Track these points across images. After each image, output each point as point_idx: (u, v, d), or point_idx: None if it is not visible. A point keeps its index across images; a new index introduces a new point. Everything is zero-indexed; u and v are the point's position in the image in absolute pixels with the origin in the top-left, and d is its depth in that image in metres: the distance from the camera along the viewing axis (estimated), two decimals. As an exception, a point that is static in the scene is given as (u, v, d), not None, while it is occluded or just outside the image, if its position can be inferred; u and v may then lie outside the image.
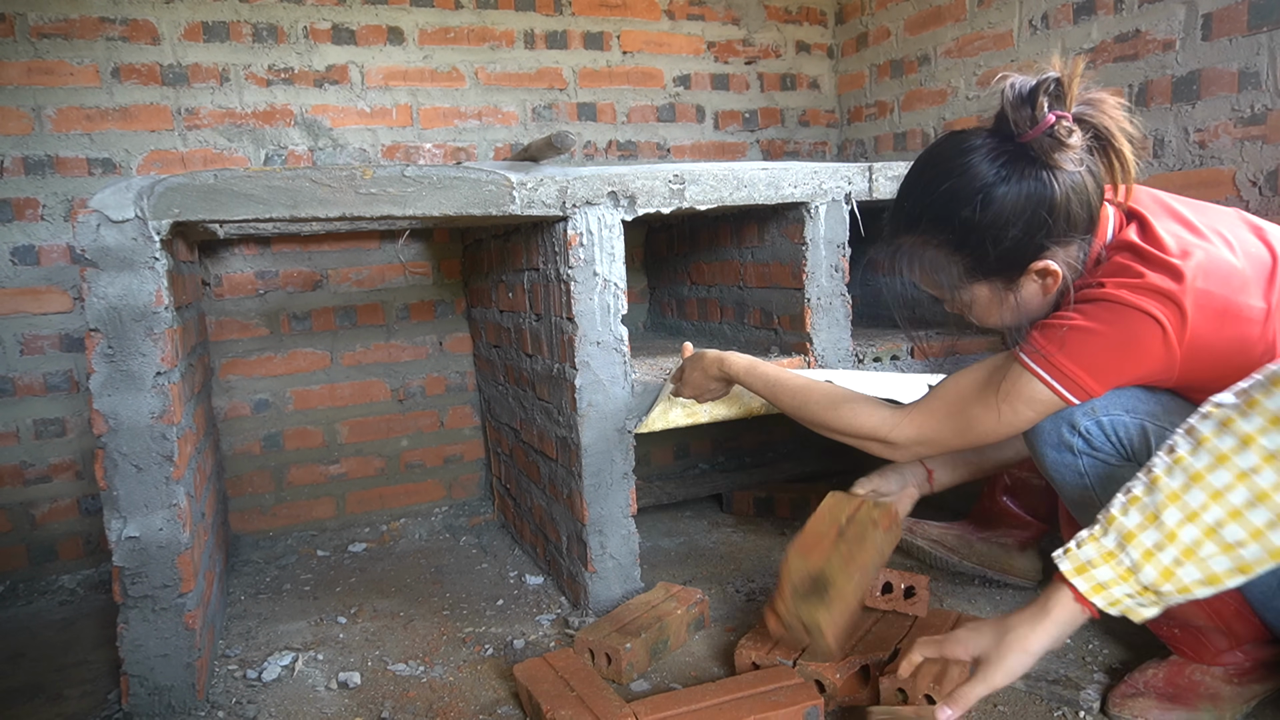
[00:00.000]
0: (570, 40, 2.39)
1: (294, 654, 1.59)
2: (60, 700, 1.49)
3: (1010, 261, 1.13)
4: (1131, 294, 1.07)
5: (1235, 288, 1.07)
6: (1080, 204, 1.11)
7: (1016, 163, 1.10)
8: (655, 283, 2.61)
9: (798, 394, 1.39)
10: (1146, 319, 1.06)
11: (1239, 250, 1.11)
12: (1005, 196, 1.09)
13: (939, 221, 1.14)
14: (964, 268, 1.15)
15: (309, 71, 2.15)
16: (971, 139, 1.14)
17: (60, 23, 1.94)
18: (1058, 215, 1.10)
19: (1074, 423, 1.17)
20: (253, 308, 2.17)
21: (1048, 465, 1.23)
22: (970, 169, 1.11)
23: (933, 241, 1.15)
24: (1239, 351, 1.08)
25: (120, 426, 1.32)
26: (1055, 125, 1.08)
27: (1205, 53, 1.65)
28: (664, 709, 1.22)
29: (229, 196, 1.35)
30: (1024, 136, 1.09)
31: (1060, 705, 1.28)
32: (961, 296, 1.19)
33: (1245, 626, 1.21)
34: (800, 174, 1.74)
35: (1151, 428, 1.14)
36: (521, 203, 1.51)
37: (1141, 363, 1.09)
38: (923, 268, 1.18)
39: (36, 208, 1.96)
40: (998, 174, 1.10)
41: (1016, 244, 1.11)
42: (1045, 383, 1.12)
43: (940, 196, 1.13)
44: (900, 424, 1.27)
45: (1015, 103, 1.10)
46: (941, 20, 2.29)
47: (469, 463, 2.42)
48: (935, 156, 1.17)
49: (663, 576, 1.86)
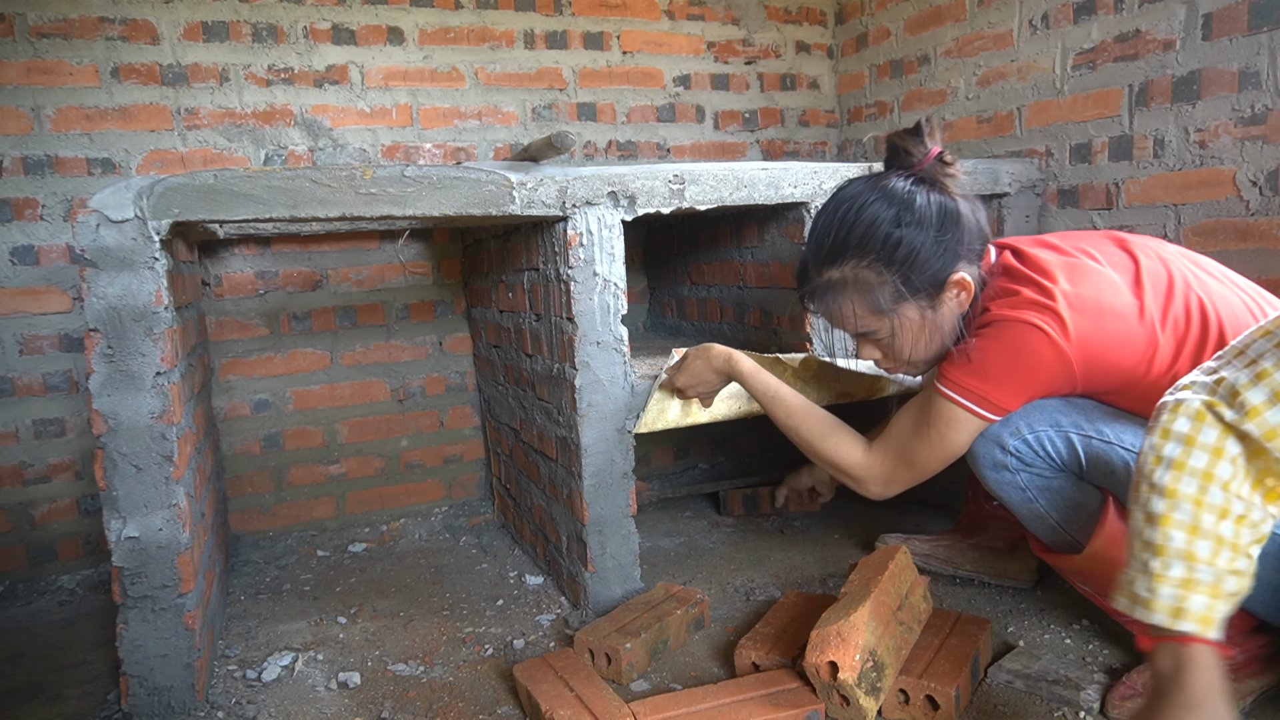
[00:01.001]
0: (570, 40, 2.39)
1: (294, 654, 1.59)
2: (60, 700, 1.49)
3: (934, 275, 1.22)
4: (1012, 310, 1.18)
5: (1105, 288, 1.18)
6: (975, 223, 1.24)
7: (920, 184, 1.23)
8: (655, 283, 2.61)
9: (794, 414, 1.46)
10: (1030, 329, 1.16)
11: (1103, 260, 1.23)
12: (923, 207, 1.20)
13: (864, 247, 1.22)
14: (894, 287, 1.23)
15: (309, 71, 2.14)
16: (869, 179, 1.27)
17: (60, 22, 1.93)
18: (963, 227, 1.22)
19: (1003, 444, 1.27)
20: (253, 308, 2.17)
21: (991, 486, 1.31)
22: (884, 194, 1.22)
23: (862, 265, 1.24)
24: (1127, 346, 1.16)
25: (120, 426, 1.32)
26: (941, 153, 1.23)
27: (1205, 53, 1.65)
28: (664, 709, 1.22)
29: (229, 196, 1.35)
30: (919, 163, 1.24)
31: (1060, 705, 1.28)
32: (892, 322, 1.26)
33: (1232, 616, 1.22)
34: (800, 174, 1.74)
35: (1076, 436, 1.22)
36: (521, 203, 1.51)
37: (1039, 370, 1.17)
38: (853, 297, 1.26)
39: (36, 208, 1.96)
40: (907, 195, 1.22)
41: (937, 256, 1.21)
42: (961, 405, 1.22)
43: (861, 223, 1.22)
44: (870, 465, 1.37)
45: (904, 136, 1.25)
46: (941, 20, 2.29)
47: (469, 463, 2.42)
48: (842, 198, 1.27)
49: (663, 576, 1.86)
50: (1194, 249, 1.69)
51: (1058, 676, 1.34)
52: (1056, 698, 1.29)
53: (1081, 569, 1.26)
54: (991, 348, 1.19)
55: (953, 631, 1.37)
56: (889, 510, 2.12)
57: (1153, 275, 1.21)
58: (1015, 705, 1.29)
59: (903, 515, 2.14)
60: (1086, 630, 1.49)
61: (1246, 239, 1.62)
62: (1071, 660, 1.39)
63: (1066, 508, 1.26)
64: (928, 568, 1.75)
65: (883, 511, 2.14)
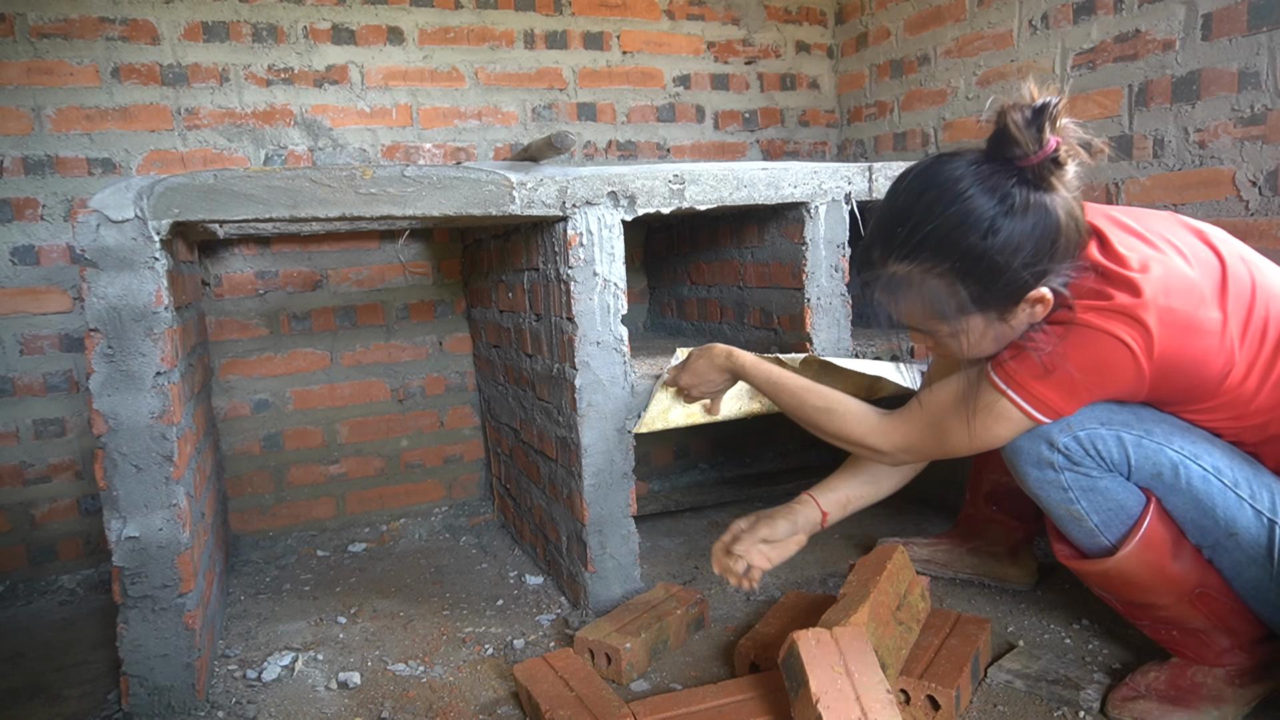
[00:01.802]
0: (570, 40, 2.39)
1: (294, 654, 1.59)
2: (60, 700, 1.49)
3: (1012, 292, 1.10)
4: (1099, 318, 1.08)
5: (1195, 301, 1.08)
6: (1074, 228, 1.09)
7: (1020, 188, 1.07)
8: (655, 283, 2.61)
9: (796, 394, 1.41)
10: (1116, 343, 1.07)
11: (1191, 259, 1.12)
12: (1014, 224, 1.06)
13: (941, 250, 1.09)
14: (964, 298, 1.11)
15: (309, 71, 2.14)
16: (963, 164, 1.10)
17: (60, 23, 1.93)
18: (1059, 241, 1.08)
19: (1052, 440, 1.18)
20: (253, 308, 2.17)
21: (1030, 484, 1.23)
22: (975, 194, 1.07)
23: (934, 270, 1.10)
24: (1202, 364, 1.10)
25: (120, 426, 1.32)
26: (1057, 150, 1.06)
27: (1205, 53, 1.65)
28: (664, 709, 1.22)
29: (229, 196, 1.35)
30: (1029, 160, 1.06)
31: (1060, 705, 1.28)
32: (954, 328, 1.15)
33: (1243, 623, 1.22)
34: (800, 174, 1.74)
35: (1128, 437, 1.16)
36: (521, 203, 1.51)
37: (1112, 384, 1.12)
38: (921, 297, 1.13)
39: (36, 208, 1.96)
40: (1004, 200, 1.06)
41: (1020, 274, 1.08)
42: (1016, 404, 1.15)
43: (944, 223, 1.08)
44: (887, 432, 1.31)
45: (1023, 124, 1.06)
46: (941, 20, 2.29)
47: (469, 463, 2.42)
48: (930, 181, 1.11)
49: (663, 576, 1.86)
50: (1194, 249, 1.70)
51: (1058, 676, 1.34)
52: (1056, 698, 1.29)
53: (1109, 573, 1.22)
54: (1069, 354, 1.10)
55: (953, 631, 1.37)
56: (888, 510, 2.11)
57: (1237, 282, 1.12)
58: (1015, 705, 1.29)
59: (902, 515, 2.14)
60: (1086, 630, 1.49)
61: (1246, 239, 1.61)
62: (1071, 660, 1.39)
63: (1108, 509, 1.20)
64: (926, 572, 1.75)
65: (882, 511, 2.13)
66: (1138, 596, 1.23)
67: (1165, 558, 1.18)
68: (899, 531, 2.04)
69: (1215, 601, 1.20)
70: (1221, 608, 1.20)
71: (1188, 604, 1.20)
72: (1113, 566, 1.20)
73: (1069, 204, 1.08)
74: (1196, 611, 1.21)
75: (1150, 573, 1.19)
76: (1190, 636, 1.24)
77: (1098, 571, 1.23)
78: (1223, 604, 1.20)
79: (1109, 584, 1.25)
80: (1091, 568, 1.23)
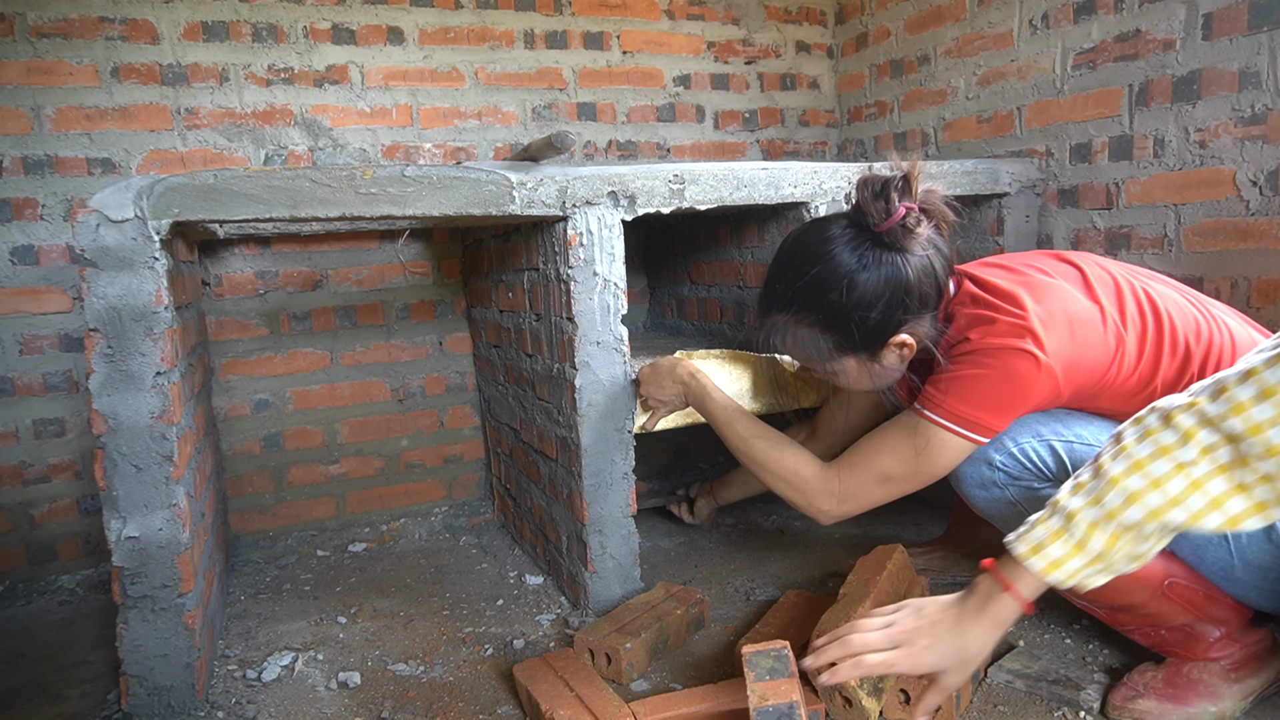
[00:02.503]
0: (570, 40, 2.39)
1: (294, 654, 1.59)
2: (59, 700, 1.49)
3: (873, 339, 1.26)
4: (995, 338, 1.20)
5: (1063, 298, 1.22)
6: (929, 284, 1.25)
7: (874, 250, 1.23)
8: (655, 283, 2.61)
9: (750, 426, 1.48)
10: (1018, 353, 1.18)
11: (1052, 272, 1.28)
12: (867, 282, 1.22)
13: (809, 304, 1.26)
14: (833, 344, 1.28)
15: (309, 71, 2.14)
16: (833, 228, 1.27)
17: (60, 22, 1.93)
18: (912, 295, 1.23)
19: (990, 460, 1.27)
20: (253, 308, 2.17)
21: (980, 506, 1.32)
22: (835, 256, 1.24)
23: (804, 321, 1.28)
24: (1097, 350, 1.20)
25: (120, 426, 1.32)
26: (906, 216, 1.22)
27: (1205, 52, 1.65)
28: (664, 709, 1.22)
29: (229, 196, 1.35)
30: (880, 226, 1.23)
31: (1060, 705, 1.28)
32: (830, 368, 1.32)
33: (1223, 610, 1.23)
34: (800, 174, 1.74)
35: (1059, 445, 1.24)
36: (521, 203, 1.51)
37: (1030, 393, 1.20)
38: (795, 343, 1.31)
39: (36, 207, 1.96)
40: (859, 261, 1.23)
41: (878, 324, 1.24)
42: (953, 431, 1.23)
43: (809, 282, 1.25)
44: (829, 480, 1.36)
45: (870, 198, 1.23)
46: (941, 20, 2.28)
47: (469, 463, 2.42)
48: (802, 244, 1.30)
49: (663, 576, 1.86)
50: (1194, 249, 1.70)
51: (1058, 676, 1.34)
52: (1056, 698, 1.29)
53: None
54: (980, 375, 1.21)
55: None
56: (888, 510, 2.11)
57: (1100, 280, 1.26)
58: (1015, 705, 1.29)
59: (902, 515, 2.14)
60: (1086, 630, 1.49)
61: (1246, 239, 1.62)
62: (1071, 660, 1.39)
63: None
64: (924, 577, 1.75)
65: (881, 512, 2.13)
66: (1111, 599, 1.24)
67: None
68: (897, 533, 2.04)
69: (1188, 590, 1.22)
70: (1196, 596, 1.22)
71: (1161, 598, 1.22)
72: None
73: (924, 261, 1.24)
74: (1173, 605, 1.22)
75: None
76: (1178, 633, 1.25)
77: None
78: (1196, 592, 1.22)
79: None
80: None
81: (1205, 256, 1.69)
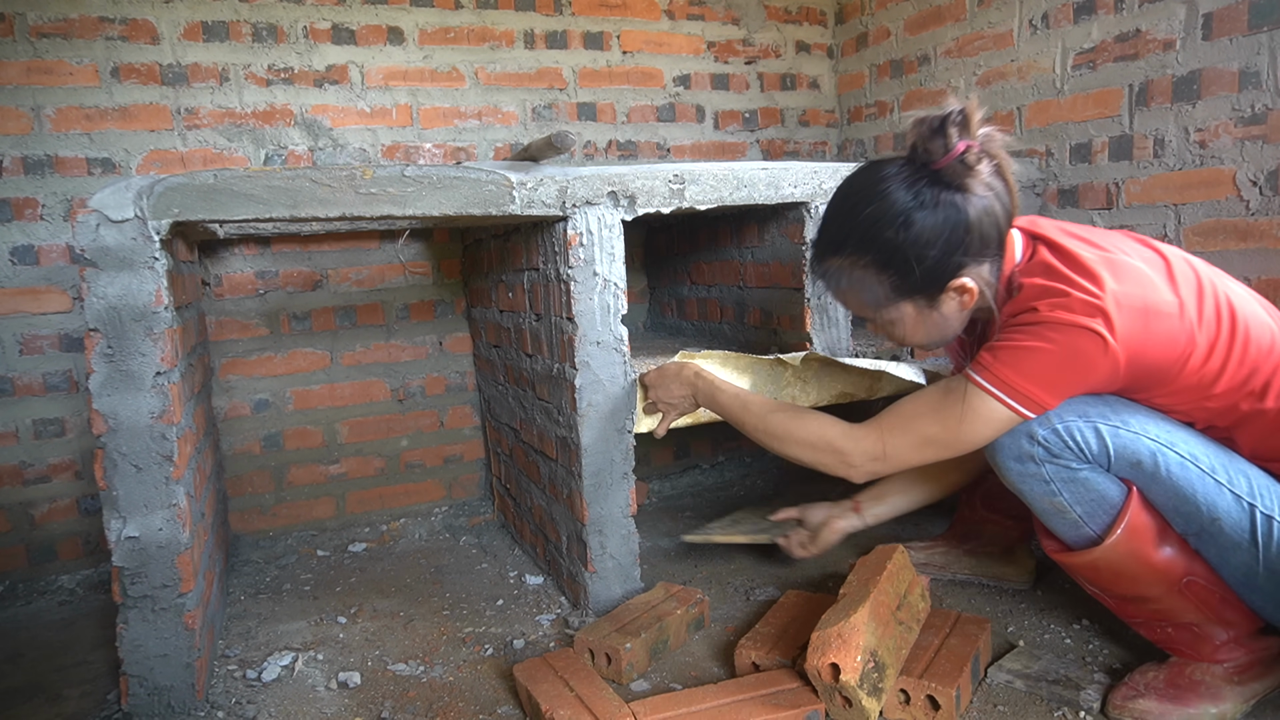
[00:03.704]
0: (570, 40, 2.39)
1: (294, 654, 1.59)
2: (59, 700, 1.49)
3: (931, 280, 1.21)
4: (1066, 312, 1.14)
5: (1145, 285, 1.15)
6: (990, 226, 1.19)
7: (932, 188, 1.18)
8: (655, 283, 2.61)
9: (764, 405, 1.46)
10: (1085, 332, 1.13)
11: (1136, 256, 1.20)
12: (925, 220, 1.17)
13: (864, 244, 1.22)
14: (889, 287, 1.23)
15: (309, 71, 2.14)
16: (888, 167, 1.22)
17: (59, 22, 1.93)
18: (972, 236, 1.18)
19: (1032, 434, 1.22)
20: (253, 308, 2.17)
21: (1012, 478, 1.27)
22: (890, 194, 1.19)
23: (860, 262, 1.23)
24: (1166, 344, 1.15)
25: (120, 426, 1.32)
26: (965, 152, 1.16)
27: (1206, 52, 1.65)
28: (664, 709, 1.22)
29: (229, 196, 1.35)
30: (937, 163, 1.17)
31: (1060, 705, 1.28)
32: (888, 314, 1.28)
33: (1236, 614, 1.23)
34: (800, 174, 1.74)
35: (1105, 428, 1.20)
36: (521, 203, 1.51)
37: (1089, 373, 1.16)
38: (851, 287, 1.27)
39: (36, 207, 1.96)
40: (916, 198, 1.18)
41: (936, 263, 1.19)
42: (1001, 401, 1.19)
43: (864, 221, 1.21)
44: (861, 438, 1.33)
45: (927, 134, 1.18)
46: (941, 20, 2.28)
47: (469, 463, 2.42)
48: (856, 184, 1.26)
49: (663, 576, 1.86)
50: (1194, 249, 1.70)
51: (1058, 676, 1.34)
52: (1056, 698, 1.29)
53: (1097, 564, 1.24)
54: (1044, 348, 1.15)
55: (953, 631, 1.37)
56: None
57: (1183, 275, 1.20)
58: (1015, 705, 1.29)
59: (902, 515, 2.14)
60: (1086, 630, 1.49)
61: (1246, 239, 1.62)
62: (1071, 660, 1.39)
63: (1091, 500, 1.23)
64: (925, 574, 1.75)
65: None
66: (1127, 589, 1.24)
67: (1150, 546, 1.20)
68: (898, 532, 2.04)
69: (1205, 591, 1.21)
70: (1211, 597, 1.21)
71: (1177, 594, 1.21)
72: (1100, 557, 1.22)
73: (985, 202, 1.18)
74: (1186, 602, 1.22)
75: (1137, 562, 1.21)
76: (1185, 632, 1.24)
77: (1085, 563, 1.25)
78: (1212, 593, 1.21)
79: (1098, 576, 1.26)
80: (1078, 559, 1.26)
81: (1205, 256, 1.67)
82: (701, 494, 2.49)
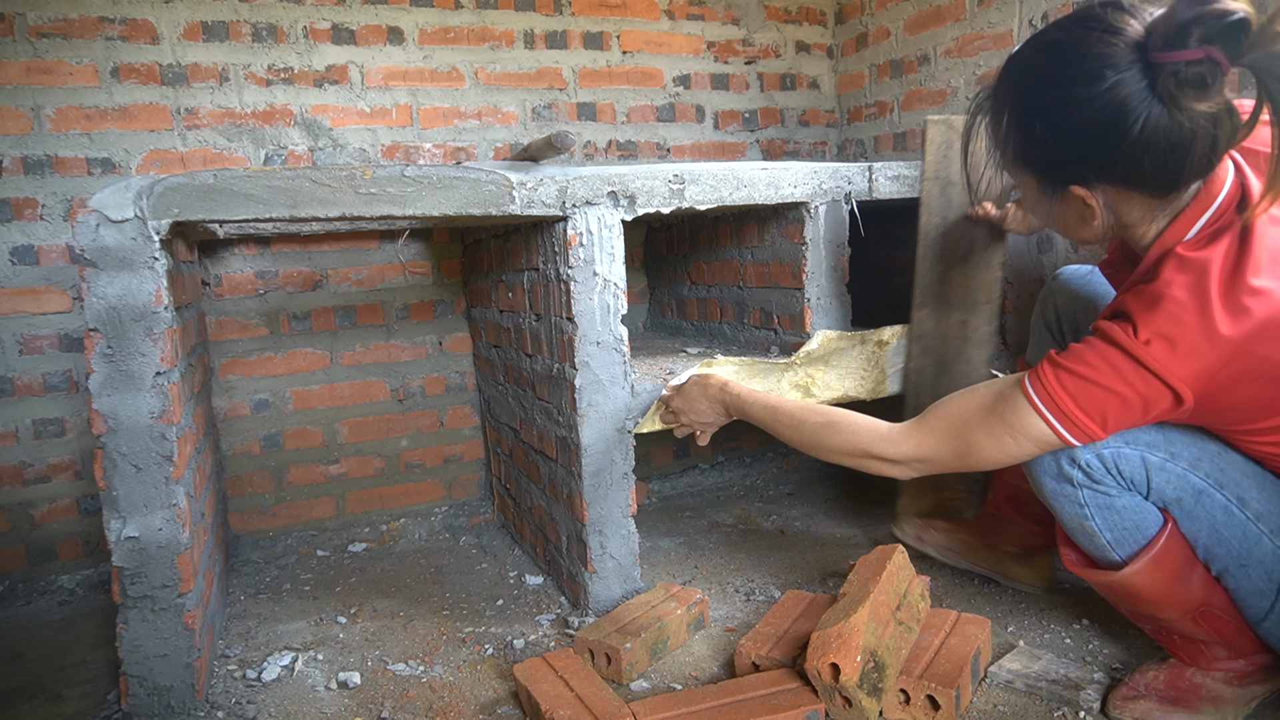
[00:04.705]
0: (570, 40, 2.39)
1: (294, 654, 1.59)
2: (59, 700, 1.49)
3: (1051, 166, 1.06)
4: (1164, 355, 0.99)
5: None
6: (1160, 163, 0.98)
7: (1124, 73, 0.96)
8: (655, 283, 2.61)
9: (796, 414, 1.36)
10: (1165, 390, 1.01)
11: None
12: (1083, 101, 0.98)
13: (1016, 94, 1.06)
14: (1015, 146, 1.08)
15: (309, 71, 2.14)
16: (1085, 28, 1.00)
17: (59, 22, 1.93)
18: (1119, 156, 0.99)
19: (1074, 456, 1.15)
20: (253, 308, 2.17)
21: (1046, 495, 1.21)
22: (1072, 58, 0.99)
23: (1004, 110, 1.08)
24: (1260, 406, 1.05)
25: (119, 426, 1.32)
26: (1202, 62, 0.93)
27: (1205, 52, 1.65)
28: (664, 709, 1.22)
29: (229, 196, 1.35)
30: (1157, 54, 0.94)
31: (1060, 705, 1.27)
32: (1014, 173, 1.13)
33: (1245, 641, 1.22)
34: (800, 174, 1.74)
35: (1152, 459, 1.13)
36: (521, 202, 1.51)
37: (1149, 417, 1.07)
38: (990, 126, 1.12)
39: (36, 207, 1.96)
40: (1091, 74, 0.97)
41: (1061, 154, 1.03)
42: (1050, 425, 1.09)
43: (1031, 71, 1.04)
44: (898, 441, 1.23)
45: (1178, 8, 0.94)
46: (941, 20, 2.28)
47: (469, 463, 2.42)
48: (1047, 39, 1.05)
49: (663, 576, 1.86)
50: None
51: (1058, 676, 1.34)
52: (1056, 698, 1.29)
53: (1113, 585, 1.21)
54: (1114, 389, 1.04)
55: (953, 631, 1.37)
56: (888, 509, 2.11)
57: None
58: (1015, 705, 1.29)
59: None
60: (1086, 630, 1.49)
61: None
62: (1071, 660, 1.39)
63: (1123, 528, 1.18)
64: (942, 558, 1.74)
65: (882, 512, 2.13)
66: (1142, 608, 1.23)
67: (1172, 579, 1.17)
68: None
69: (1219, 620, 1.20)
70: (1225, 626, 1.20)
71: (1191, 620, 1.20)
72: (1118, 581, 1.19)
73: (1180, 132, 0.96)
74: (1199, 628, 1.21)
75: (1156, 591, 1.18)
76: (1190, 643, 1.24)
77: (1103, 583, 1.23)
78: (1226, 623, 1.20)
79: (1114, 595, 1.25)
80: (1098, 578, 1.23)
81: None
82: (701, 494, 2.49)
